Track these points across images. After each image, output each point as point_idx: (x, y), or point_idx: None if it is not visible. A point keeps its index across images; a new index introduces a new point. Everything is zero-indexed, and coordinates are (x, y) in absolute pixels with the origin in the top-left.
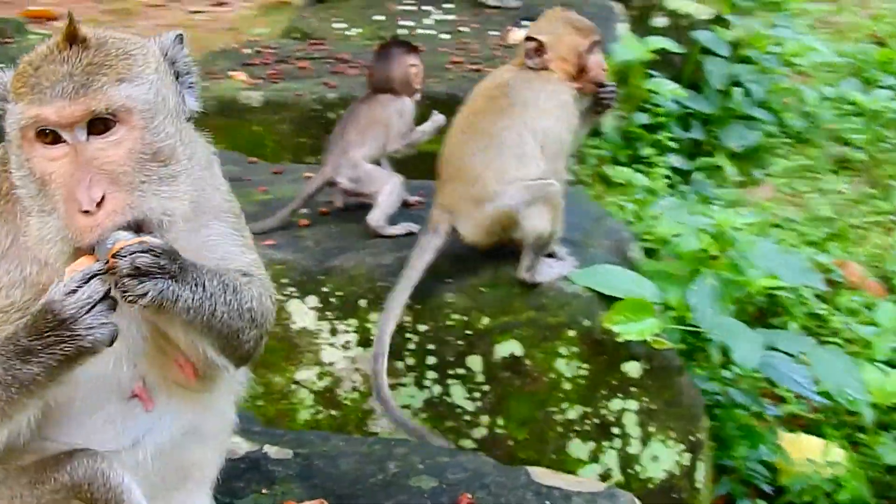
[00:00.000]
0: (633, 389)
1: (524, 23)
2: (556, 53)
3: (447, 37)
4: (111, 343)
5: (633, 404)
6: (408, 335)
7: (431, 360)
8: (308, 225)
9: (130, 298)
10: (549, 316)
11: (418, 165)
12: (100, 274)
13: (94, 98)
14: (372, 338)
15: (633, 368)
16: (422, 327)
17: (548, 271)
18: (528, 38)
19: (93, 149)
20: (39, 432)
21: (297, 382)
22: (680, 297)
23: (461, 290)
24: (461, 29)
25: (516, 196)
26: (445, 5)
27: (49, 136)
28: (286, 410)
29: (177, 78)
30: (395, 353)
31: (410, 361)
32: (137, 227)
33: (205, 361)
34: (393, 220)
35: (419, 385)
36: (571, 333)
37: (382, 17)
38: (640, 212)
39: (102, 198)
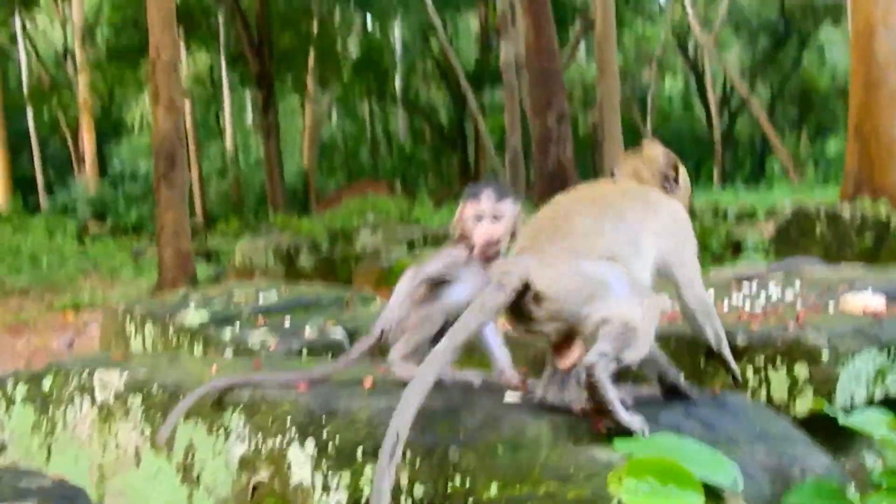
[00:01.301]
0: None
1: (866, 291)
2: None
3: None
4: None
5: None
6: (403, 499)
7: None
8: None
9: None
10: (572, 489)
11: None
12: None
13: None
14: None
15: None
16: (418, 490)
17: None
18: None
19: None
20: None
21: None
22: None
23: (471, 445)
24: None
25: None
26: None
27: None
28: None
29: None
30: None
31: None
32: None
33: None
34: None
35: None
36: None
37: None
38: None
39: None
